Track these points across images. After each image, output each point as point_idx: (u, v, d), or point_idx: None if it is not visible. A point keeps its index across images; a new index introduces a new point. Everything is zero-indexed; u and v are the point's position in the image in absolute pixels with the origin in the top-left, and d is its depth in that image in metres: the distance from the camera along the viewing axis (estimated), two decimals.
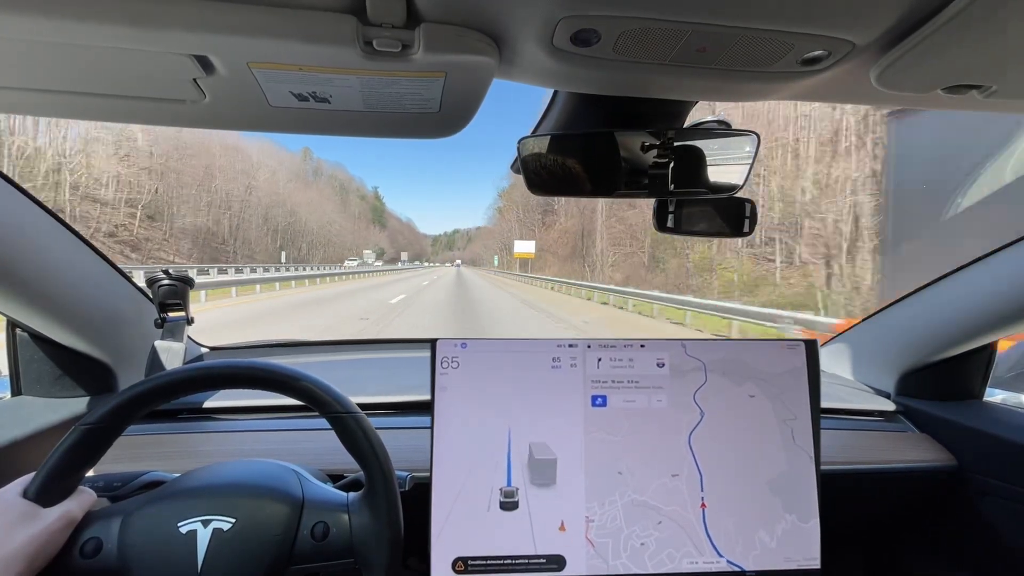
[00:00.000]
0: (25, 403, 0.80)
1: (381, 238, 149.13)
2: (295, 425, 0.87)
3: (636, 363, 0.68)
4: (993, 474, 0.85)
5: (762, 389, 0.69)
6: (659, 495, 0.66)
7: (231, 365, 0.53)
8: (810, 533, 0.67)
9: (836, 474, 0.84)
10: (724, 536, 0.65)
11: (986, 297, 0.84)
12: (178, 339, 0.93)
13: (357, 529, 0.53)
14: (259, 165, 68.62)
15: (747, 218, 0.78)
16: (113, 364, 0.86)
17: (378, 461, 0.53)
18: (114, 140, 45.95)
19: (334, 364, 1.20)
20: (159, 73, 0.48)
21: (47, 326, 0.75)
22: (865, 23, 0.43)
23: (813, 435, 0.69)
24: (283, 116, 0.58)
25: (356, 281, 27.86)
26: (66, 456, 0.48)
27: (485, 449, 0.65)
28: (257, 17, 0.41)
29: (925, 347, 0.96)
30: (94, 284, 0.80)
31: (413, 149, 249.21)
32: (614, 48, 0.47)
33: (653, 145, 0.67)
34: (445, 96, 0.54)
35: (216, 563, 0.49)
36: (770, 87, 0.55)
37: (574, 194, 0.70)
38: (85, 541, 0.48)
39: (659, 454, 0.66)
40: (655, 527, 0.65)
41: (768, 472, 0.67)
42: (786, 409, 0.69)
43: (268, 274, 24.39)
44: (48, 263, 0.69)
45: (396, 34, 0.43)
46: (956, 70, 0.47)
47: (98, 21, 0.40)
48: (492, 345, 0.67)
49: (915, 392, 1.01)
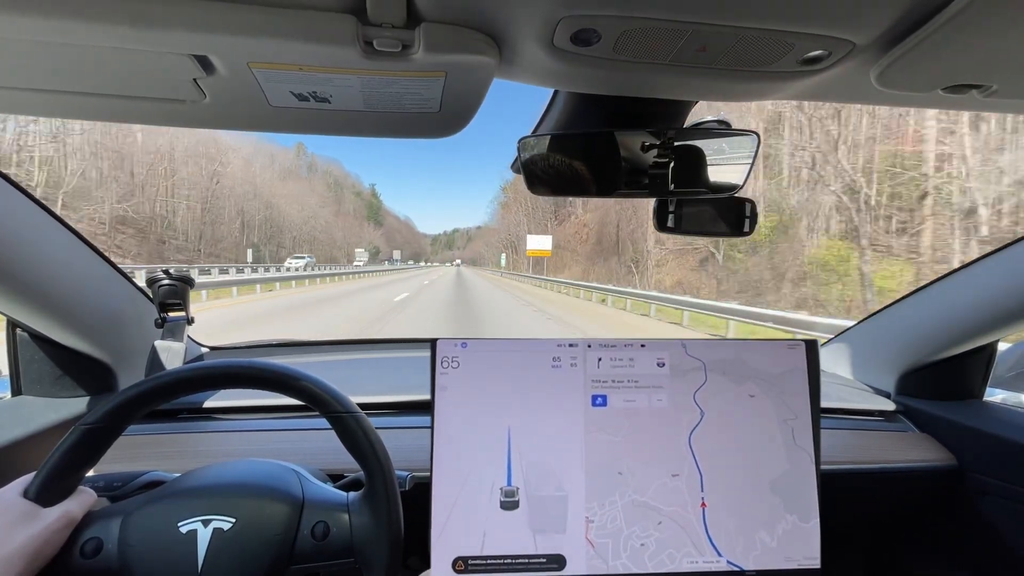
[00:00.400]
0: (25, 403, 0.80)
1: (376, 236, 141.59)
2: (295, 425, 0.87)
3: (636, 363, 0.68)
4: (993, 474, 0.85)
5: (762, 389, 0.69)
6: (659, 495, 0.66)
7: (231, 365, 0.53)
8: (810, 533, 0.67)
9: (836, 474, 0.84)
10: (724, 536, 0.65)
11: (986, 297, 0.84)
12: (178, 339, 0.93)
13: (357, 529, 0.53)
14: (228, 150, 57.24)
15: (747, 218, 0.78)
16: (113, 364, 0.86)
17: (378, 461, 0.53)
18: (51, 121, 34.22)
19: (334, 364, 1.20)
20: (159, 73, 0.48)
21: (47, 326, 0.75)
22: (865, 23, 0.43)
23: (813, 435, 0.69)
24: (283, 116, 0.58)
25: (322, 287, 22.58)
26: (66, 456, 0.48)
27: (485, 449, 0.65)
28: (257, 17, 0.41)
29: (925, 347, 0.96)
30: (94, 284, 0.80)
31: (412, 148, 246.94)
32: (614, 48, 0.47)
33: (653, 145, 0.67)
34: (445, 96, 0.54)
35: (216, 563, 0.49)
36: (770, 87, 0.55)
37: (574, 194, 0.70)
38: (85, 541, 0.48)
39: (659, 454, 0.66)
40: (655, 527, 0.65)
41: (768, 472, 0.67)
42: (786, 409, 0.69)
43: (217, 277, 19.62)
44: (48, 263, 0.69)
45: (396, 34, 0.43)
46: (956, 70, 0.47)
47: (98, 21, 0.40)
48: (492, 345, 0.67)
49: (915, 392, 1.01)
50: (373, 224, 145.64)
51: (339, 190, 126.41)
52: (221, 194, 54.39)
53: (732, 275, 20.91)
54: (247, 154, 68.99)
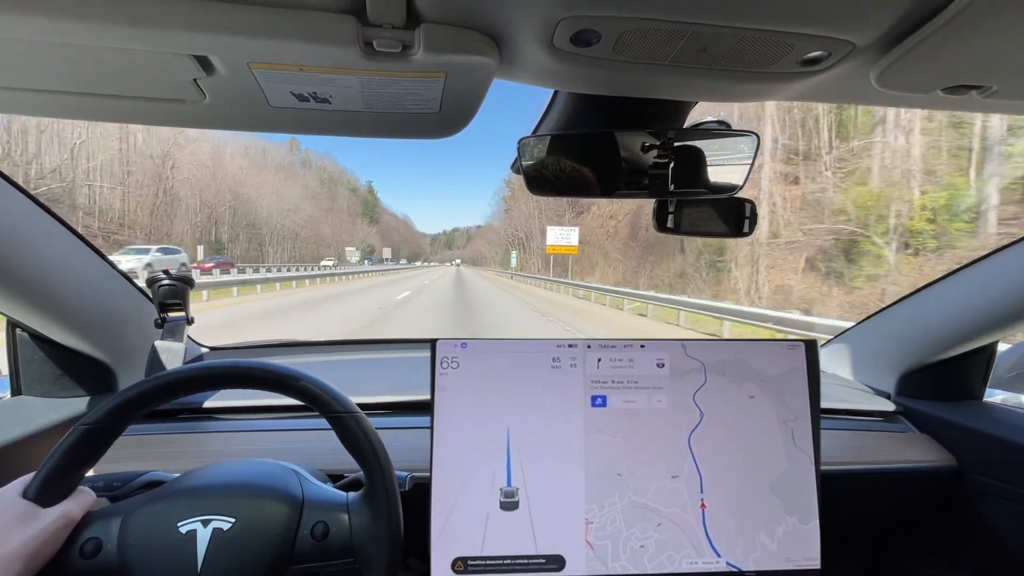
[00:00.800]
0: (25, 403, 0.80)
1: (371, 233, 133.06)
2: (295, 425, 0.87)
3: (636, 363, 0.68)
4: (993, 474, 0.85)
5: (762, 390, 0.69)
6: (659, 497, 0.66)
7: (231, 365, 0.53)
8: (810, 534, 0.67)
9: (836, 474, 0.84)
10: (724, 537, 0.65)
11: (986, 297, 0.84)
12: (178, 339, 0.93)
13: (357, 529, 0.53)
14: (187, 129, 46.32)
15: (747, 218, 0.78)
16: (113, 364, 0.86)
17: (378, 461, 0.53)
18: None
19: (334, 364, 1.20)
20: (159, 73, 0.48)
21: (47, 326, 0.75)
22: (865, 24, 0.43)
23: (813, 435, 0.69)
24: (283, 116, 0.58)
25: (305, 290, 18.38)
26: (66, 456, 0.48)
27: (485, 449, 0.65)
28: (257, 17, 0.41)
29: (925, 347, 0.96)
30: (94, 284, 0.80)
31: (413, 148, 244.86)
32: (614, 48, 0.47)
33: (653, 145, 0.67)
34: (445, 96, 0.54)
35: (216, 563, 0.48)
36: (770, 87, 0.55)
37: (574, 194, 0.70)
38: (85, 541, 0.48)
39: (659, 455, 0.66)
40: (655, 529, 0.65)
41: (768, 472, 0.67)
42: (786, 410, 0.69)
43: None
44: (48, 263, 0.69)
45: (396, 34, 0.43)
46: (956, 71, 0.47)
47: (98, 21, 0.40)
48: (492, 345, 0.67)
49: (915, 392, 1.01)
50: (368, 221, 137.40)
51: (333, 186, 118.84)
52: (178, 180, 44.25)
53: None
54: (213, 136, 55.85)
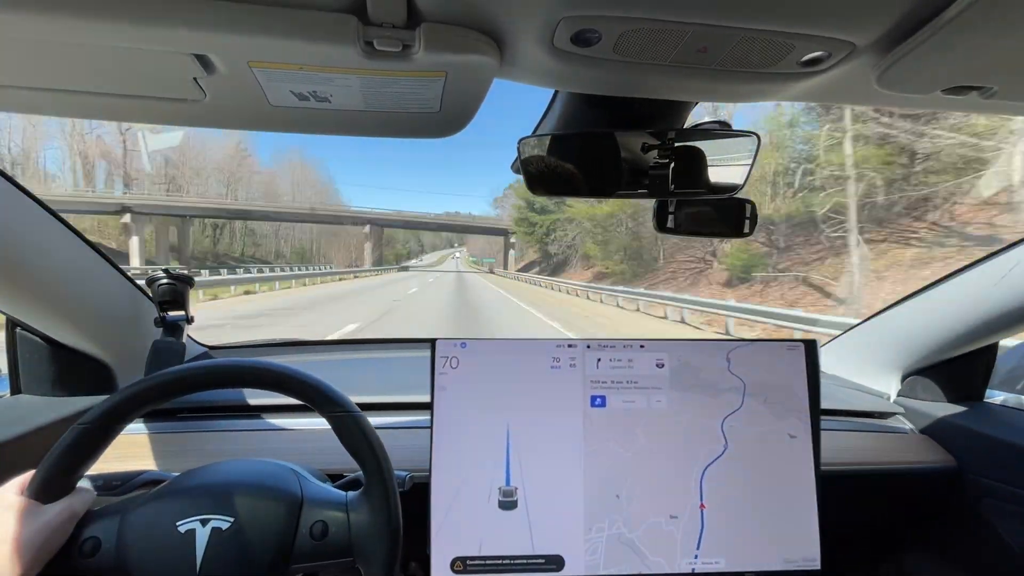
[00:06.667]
0: (24, 402, 0.80)
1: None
2: (295, 424, 0.87)
3: (635, 364, 0.68)
4: (993, 476, 0.85)
5: (804, 423, 0.69)
6: (647, 539, 0.65)
7: (230, 364, 0.53)
8: (810, 534, 0.67)
9: (836, 475, 0.84)
10: (724, 537, 0.65)
11: (987, 299, 0.84)
12: (178, 338, 0.93)
13: (356, 528, 0.53)
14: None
15: (747, 219, 0.78)
16: (113, 363, 0.86)
17: (377, 460, 0.53)
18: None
19: (334, 364, 1.20)
20: (159, 72, 0.48)
21: (47, 325, 0.75)
22: (866, 24, 0.43)
23: (813, 436, 0.69)
24: (283, 115, 0.58)
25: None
26: (65, 454, 0.48)
27: (484, 448, 0.65)
28: (258, 16, 0.41)
29: (926, 348, 0.96)
30: (94, 283, 0.80)
31: (411, 149, 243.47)
32: (615, 48, 0.47)
33: (653, 146, 0.67)
34: (445, 96, 0.54)
35: (215, 562, 0.48)
36: (771, 88, 0.55)
37: (575, 194, 0.70)
38: (84, 540, 0.48)
39: (664, 482, 0.66)
40: (655, 527, 0.65)
41: (767, 473, 0.67)
42: (786, 410, 0.69)
43: None
44: (48, 262, 0.69)
45: (397, 34, 0.43)
46: (957, 71, 0.47)
47: (98, 19, 0.40)
48: (492, 345, 0.67)
49: (915, 393, 1.01)
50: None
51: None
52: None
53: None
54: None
